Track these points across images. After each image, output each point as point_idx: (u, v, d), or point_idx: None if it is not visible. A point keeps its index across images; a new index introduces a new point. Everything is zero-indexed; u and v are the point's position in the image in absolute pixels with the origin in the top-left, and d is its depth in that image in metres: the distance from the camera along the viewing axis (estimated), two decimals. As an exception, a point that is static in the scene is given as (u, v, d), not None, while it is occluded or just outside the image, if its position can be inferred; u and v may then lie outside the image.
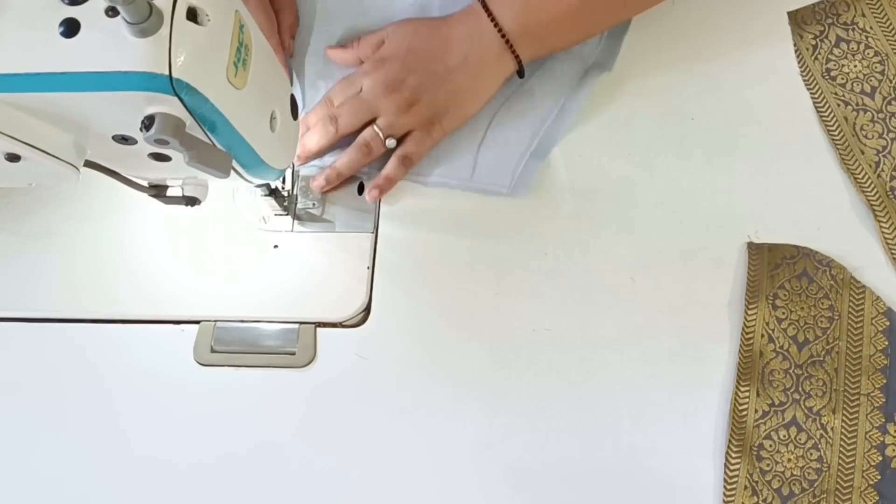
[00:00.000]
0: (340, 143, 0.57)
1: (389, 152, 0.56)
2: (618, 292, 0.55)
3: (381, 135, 0.55)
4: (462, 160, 0.57)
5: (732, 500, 0.49)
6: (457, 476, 0.51)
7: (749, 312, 0.53)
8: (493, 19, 0.54)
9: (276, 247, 0.57)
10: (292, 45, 0.61)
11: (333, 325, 0.55)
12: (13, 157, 0.39)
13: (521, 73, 0.57)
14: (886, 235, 0.55)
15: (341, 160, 0.55)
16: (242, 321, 0.55)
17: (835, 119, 0.58)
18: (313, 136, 0.55)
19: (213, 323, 0.54)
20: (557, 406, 0.52)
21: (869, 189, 0.56)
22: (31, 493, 0.51)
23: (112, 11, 0.34)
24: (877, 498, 0.49)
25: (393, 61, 0.56)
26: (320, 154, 0.56)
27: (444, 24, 0.57)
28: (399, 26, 0.58)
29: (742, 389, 0.51)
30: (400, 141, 0.56)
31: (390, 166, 0.56)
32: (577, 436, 0.51)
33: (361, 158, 0.55)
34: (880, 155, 0.57)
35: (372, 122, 0.55)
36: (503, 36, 0.54)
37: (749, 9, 0.63)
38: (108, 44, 0.34)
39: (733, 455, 0.50)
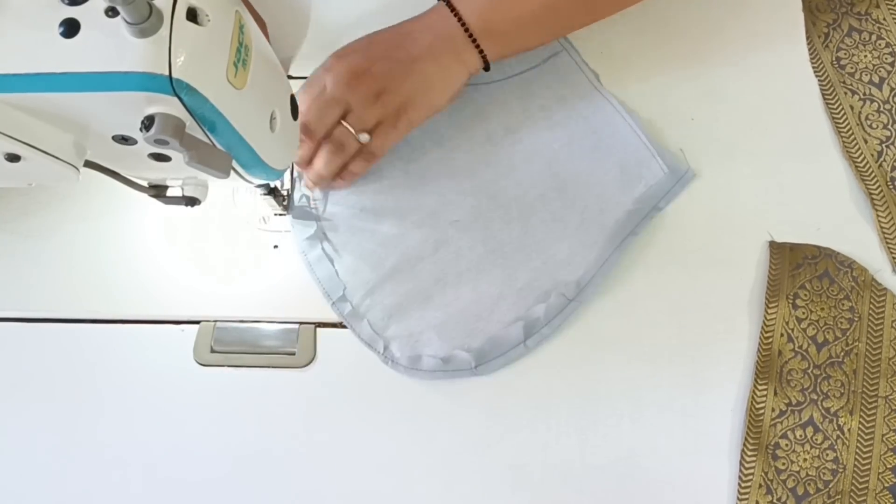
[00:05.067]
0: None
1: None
2: (617, 292, 0.55)
3: (352, 131, 0.53)
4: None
5: (747, 498, 0.49)
6: (457, 476, 0.51)
7: (769, 311, 0.53)
8: (456, 15, 0.53)
9: (276, 247, 0.57)
10: None
11: (333, 325, 0.55)
12: (13, 157, 0.39)
13: (486, 67, 0.56)
14: (883, 225, 0.55)
15: (318, 160, 0.54)
16: (242, 321, 0.55)
17: (841, 107, 0.59)
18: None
19: (213, 323, 0.54)
20: (557, 406, 0.52)
21: (869, 178, 0.57)
22: (30, 492, 0.51)
23: (112, 11, 0.34)
24: (892, 500, 0.49)
25: (354, 53, 0.54)
26: (310, 161, 0.55)
27: (405, 22, 0.55)
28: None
29: (759, 388, 0.51)
30: (371, 133, 0.53)
31: (354, 162, 0.55)
32: (577, 436, 0.51)
33: (336, 158, 0.54)
34: (884, 145, 0.58)
35: (342, 117, 0.53)
36: (467, 31, 0.53)
37: (749, 9, 0.63)
38: (108, 44, 0.34)
39: (749, 453, 0.50)
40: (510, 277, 0.55)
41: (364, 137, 0.53)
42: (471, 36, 0.53)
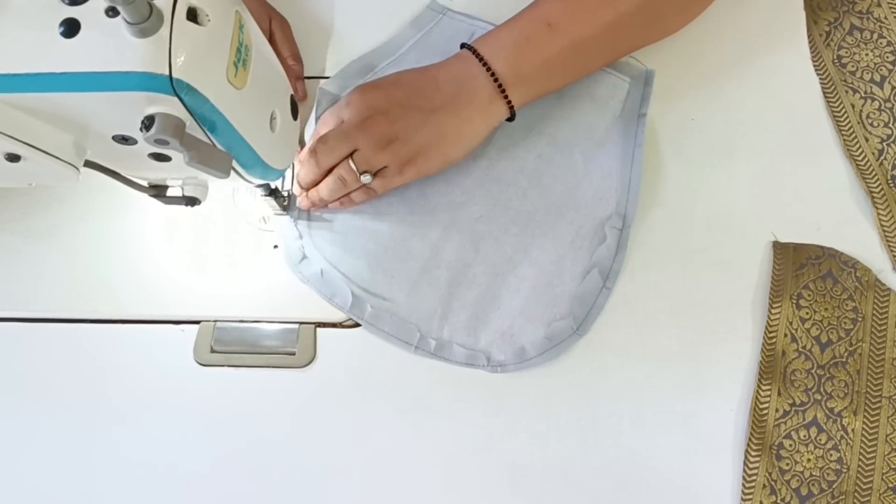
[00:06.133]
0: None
1: None
2: (618, 292, 0.55)
3: (356, 170, 0.52)
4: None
5: (751, 498, 0.49)
6: (457, 476, 0.51)
7: (773, 311, 0.53)
8: (484, 64, 0.53)
9: (276, 247, 0.57)
10: (302, 87, 0.61)
11: (333, 325, 0.55)
12: (13, 157, 0.39)
13: (511, 118, 0.56)
14: (884, 224, 0.55)
15: (322, 186, 0.54)
16: (242, 321, 0.55)
17: (842, 106, 0.59)
18: (303, 170, 0.54)
19: (213, 323, 0.54)
20: (557, 406, 0.52)
21: (870, 176, 0.57)
22: (30, 492, 0.51)
23: (112, 11, 0.34)
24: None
25: (377, 91, 0.53)
26: (312, 187, 0.55)
27: (432, 67, 0.55)
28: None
29: (763, 388, 0.51)
30: (376, 174, 0.53)
31: (355, 192, 0.55)
32: (577, 436, 0.51)
33: (339, 189, 0.54)
34: (884, 144, 0.58)
35: (353, 153, 0.52)
36: (495, 80, 0.53)
37: (750, 8, 0.63)
38: (108, 44, 0.34)
39: (752, 453, 0.50)
40: (557, 238, 0.56)
41: (366, 179, 0.53)
42: (500, 86, 0.53)
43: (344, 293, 0.54)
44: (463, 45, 0.55)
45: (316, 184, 0.55)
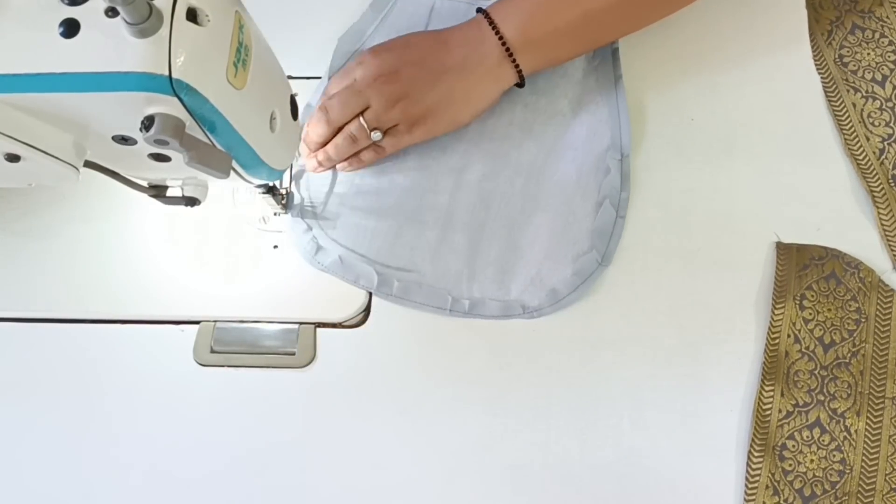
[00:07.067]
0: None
1: None
2: (617, 292, 0.55)
3: (366, 127, 0.54)
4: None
5: (754, 499, 0.49)
6: (457, 476, 0.51)
7: (776, 312, 0.53)
8: (494, 28, 0.54)
9: (275, 247, 0.57)
10: None
11: (333, 325, 0.55)
12: (13, 157, 0.39)
13: (520, 84, 0.57)
14: (884, 222, 0.56)
15: (330, 145, 0.55)
16: (242, 321, 0.55)
17: (843, 105, 0.59)
18: (313, 128, 0.55)
19: (212, 323, 0.54)
20: (557, 406, 0.52)
21: (871, 175, 0.57)
22: (29, 493, 0.51)
23: (112, 12, 0.34)
24: None
25: (389, 52, 0.55)
26: (322, 145, 0.56)
27: (443, 31, 0.56)
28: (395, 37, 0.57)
29: (766, 389, 0.51)
30: (386, 133, 0.55)
31: (364, 151, 0.56)
32: (576, 436, 0.51)
33: (348, 147, 0.55)
34: (885, 143, 0.58)
35: (363, 111, 0.54)
36: (504, 44, 0.54)
37: (751, 7, 0.63)
38: (108, 44, 0.34)
39: (756, 454, 0.50)
40: (562, 179, 0.57)
41: (376, 136, 0.54)
42: (508, 50, 0.54)
43: (368, 274, 0.54)
44: (478, 10, 0.56)
45: (324, 144, 0.56)
